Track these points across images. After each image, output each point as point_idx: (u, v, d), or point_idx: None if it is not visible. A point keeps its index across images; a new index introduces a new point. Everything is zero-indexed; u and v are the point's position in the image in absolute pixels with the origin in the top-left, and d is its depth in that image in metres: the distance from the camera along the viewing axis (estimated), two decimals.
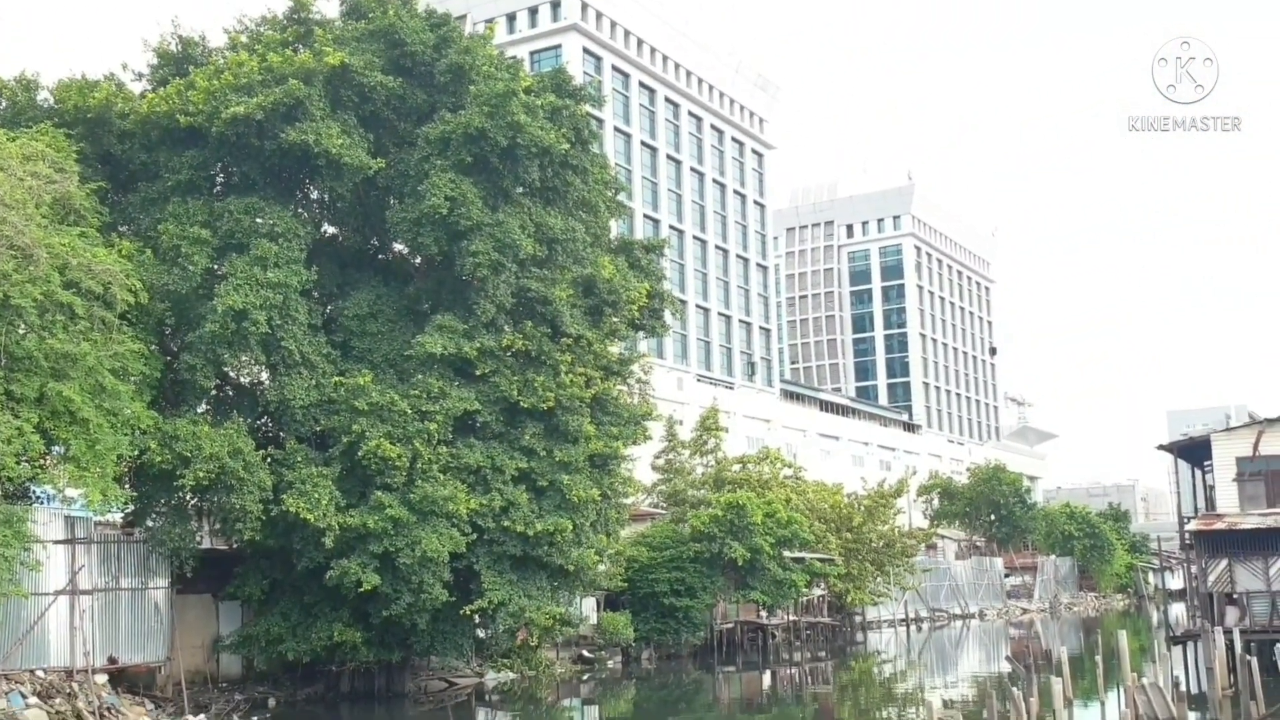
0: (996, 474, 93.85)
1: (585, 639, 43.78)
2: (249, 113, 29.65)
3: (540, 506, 31.87)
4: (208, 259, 29.73)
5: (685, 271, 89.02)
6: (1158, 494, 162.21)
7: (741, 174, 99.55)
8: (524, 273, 32.44)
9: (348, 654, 31.65)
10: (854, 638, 61.15)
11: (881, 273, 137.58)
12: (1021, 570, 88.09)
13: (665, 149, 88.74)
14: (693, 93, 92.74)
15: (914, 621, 71.01)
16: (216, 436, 28.09)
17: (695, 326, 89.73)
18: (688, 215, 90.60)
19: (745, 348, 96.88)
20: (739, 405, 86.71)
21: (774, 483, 56.15)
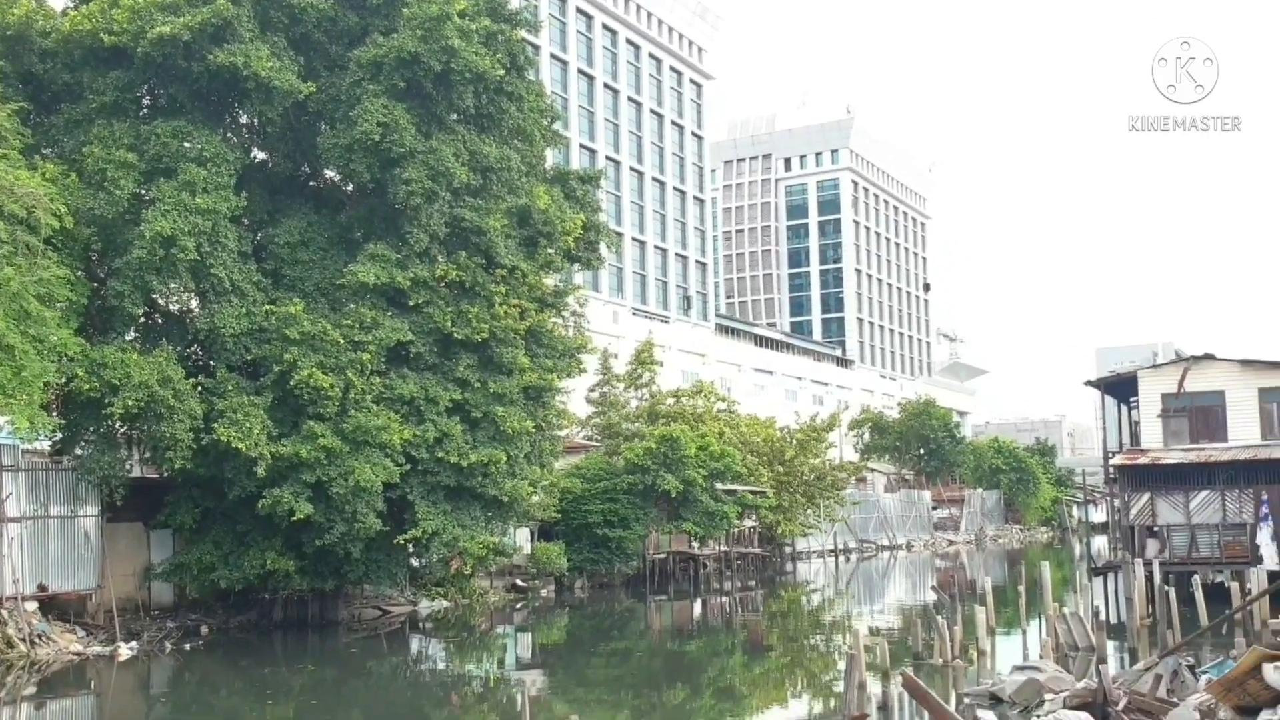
0: (927, 409, 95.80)
1: (519, 568, 44.44)
2: (175, 33, 29.06)
3: (474, 438, 32.14)
4: (134, 183, 29.28)
5: (622, 203, 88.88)
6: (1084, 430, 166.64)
7: (680, 105, 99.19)
8: (458, 202, 32.36)
9: (281, 582, 31.88)
10: (783, 568, 62.61)
11: (818, 207, 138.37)
12: (949, 503, 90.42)
13: (603, 78, 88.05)
14: (631, 20, 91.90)
15: (843, 552, 72.77)
16: (145, 364, 27.91)
17: (631, 259, 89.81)
18: (625, 146, 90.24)
19: (681, 282, 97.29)
20: (674, 339, 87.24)
21: (708, 416, 56.94)
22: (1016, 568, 48.76)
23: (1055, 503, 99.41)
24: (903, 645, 27.60)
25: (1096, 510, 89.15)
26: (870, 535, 77.67)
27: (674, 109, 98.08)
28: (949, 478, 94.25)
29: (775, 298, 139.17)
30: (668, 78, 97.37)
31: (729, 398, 63.59)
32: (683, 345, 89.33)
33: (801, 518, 62.52)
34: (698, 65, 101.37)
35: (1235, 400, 37.82)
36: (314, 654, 30.94)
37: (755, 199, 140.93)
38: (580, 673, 28.02)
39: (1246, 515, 35.74)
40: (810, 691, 26.19)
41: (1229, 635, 24.77)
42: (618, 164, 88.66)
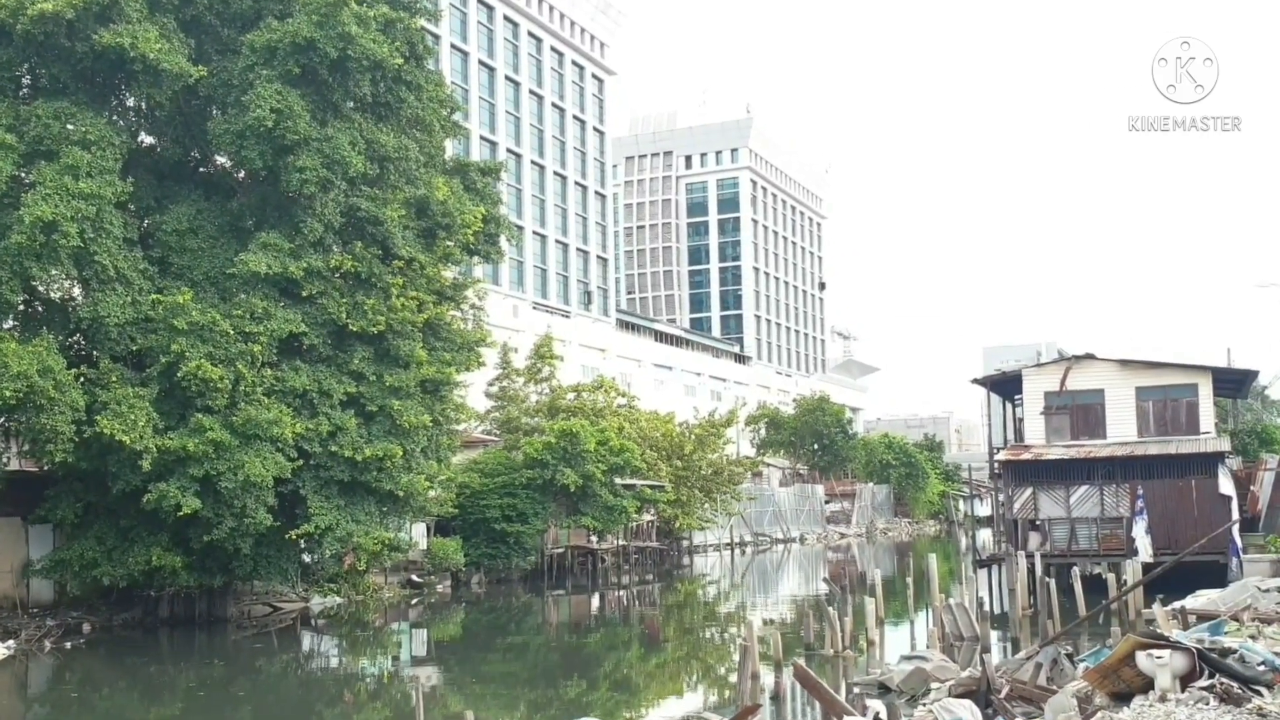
0: (821, 405, 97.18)
1: (415, 564, 43.84)
2: (58, 10, 27.94)
3: (370, 431, 31.61)
4: (13, 165, 28.07)
5: (523, 196, 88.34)
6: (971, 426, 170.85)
7: (581, 99, 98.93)
8: (354, 191, 31.75)
9: (167, 579, 30.93)
10: (681, 561, 62.91)
11: (718, 205, 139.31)
12: (841, 497, 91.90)
13: (504, 70, 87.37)
14: (533, 12, 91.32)
15: (739, 545, 73.44)
16: (24, 354, 26.74)
17: (532, 253, 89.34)
18: (526, 139, 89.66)
19: (582, 276, 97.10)
20: (575, 334, 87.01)
21: (608, 411, 56.92)
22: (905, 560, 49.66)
23: (943, 497, 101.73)
24: (795, 636, 27.91)
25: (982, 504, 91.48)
26: (765, 529, 78.51)
27: (576, 103, 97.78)
28: (841, 472, 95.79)
29: (675, 294, 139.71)
30: (570, 72, 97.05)
31: (629, 393, 63.66)
32: (583, 340, 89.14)
33: (699, 512, 62.93)
34: (600, 60, 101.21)
35: (1114, 398, 39.10)
36: (201, 652, 30.09)
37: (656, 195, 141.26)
38: (476, 668, 27.72)
39: (1123, 509, 36.94)
40: (705, 683, 26.33)
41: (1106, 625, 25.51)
42: (519, 157, 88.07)
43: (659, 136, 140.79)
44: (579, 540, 52.06)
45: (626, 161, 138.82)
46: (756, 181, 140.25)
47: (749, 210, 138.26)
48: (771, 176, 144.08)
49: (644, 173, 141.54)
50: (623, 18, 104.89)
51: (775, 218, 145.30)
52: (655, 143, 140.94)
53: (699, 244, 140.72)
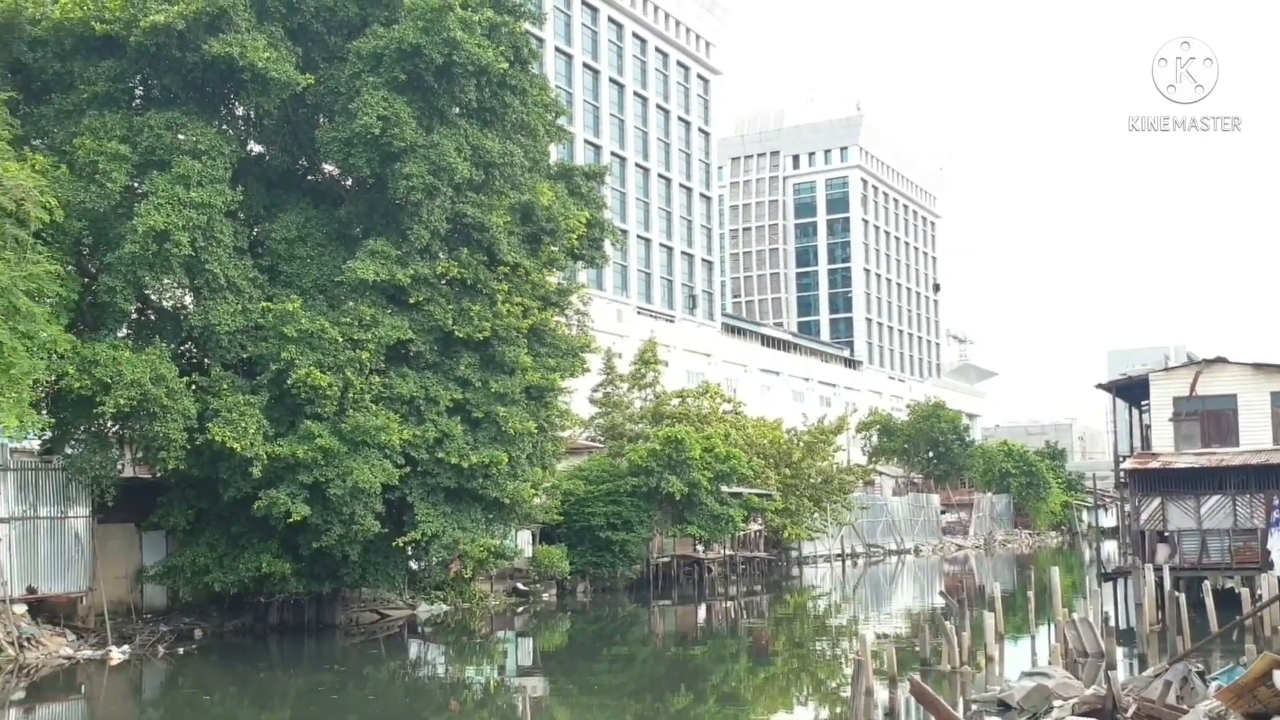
0: (936, 411, 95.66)
1: (520, 572, 44.33)
2: (169, 22, 28.95)
3: (475, 438, 32.04)
4: (127, 176, 29.14)
5: (626, 200, 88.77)
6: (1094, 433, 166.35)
7: (686, 100, 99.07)
8: (460, 197, 32.26)
9: (276, 585, 31.76)
10: (790, 572, 62.49)
11: (827, 205, 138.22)
12: (958, 507, 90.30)
13: (608, 72, 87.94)
14: (638, 13, 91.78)
15: (850, 557, 72.64)
16: (138, 362, 27.77)
17: (636, 257, 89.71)
18: (630, 142, 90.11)
19: (687, 280, 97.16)
20: (679, 339, 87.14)
21: (713, 418, 56.81)
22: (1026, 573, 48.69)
23: (1065, 507, 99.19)
24: (910, 651, 27.47)
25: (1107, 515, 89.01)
26: (878, 539, 77.52)
27: (681, 104, 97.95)
28: (958, 481, 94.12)
29: (783, 297, 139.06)
30: (675, 72, 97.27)
31: (735, 399, 63.41)
32: (688, 345, 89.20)
33: (808, 521, 62.40)
34: (705, 60, 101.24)
35: (1247, 404, 37.69)
36: (310, 658, 30.83)
37: (763, 196, 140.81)
38: (582, 678, 27.90)
39: (1257, 520, 35.59)
40: (816, 698, 26.06)
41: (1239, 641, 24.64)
42: (623, 160, 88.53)
43: (765, 136, 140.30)
44: (685, 549, 52.05)
45: (732, 162, 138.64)
46: (867, 180, 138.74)
47: (859, 210, 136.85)
48: (882, 175, 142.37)
49: (750, 173, 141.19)
50: (728, 16, 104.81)
51: (887, 217, 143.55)
52: (762, 143, 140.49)
53: (807, 245, 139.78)
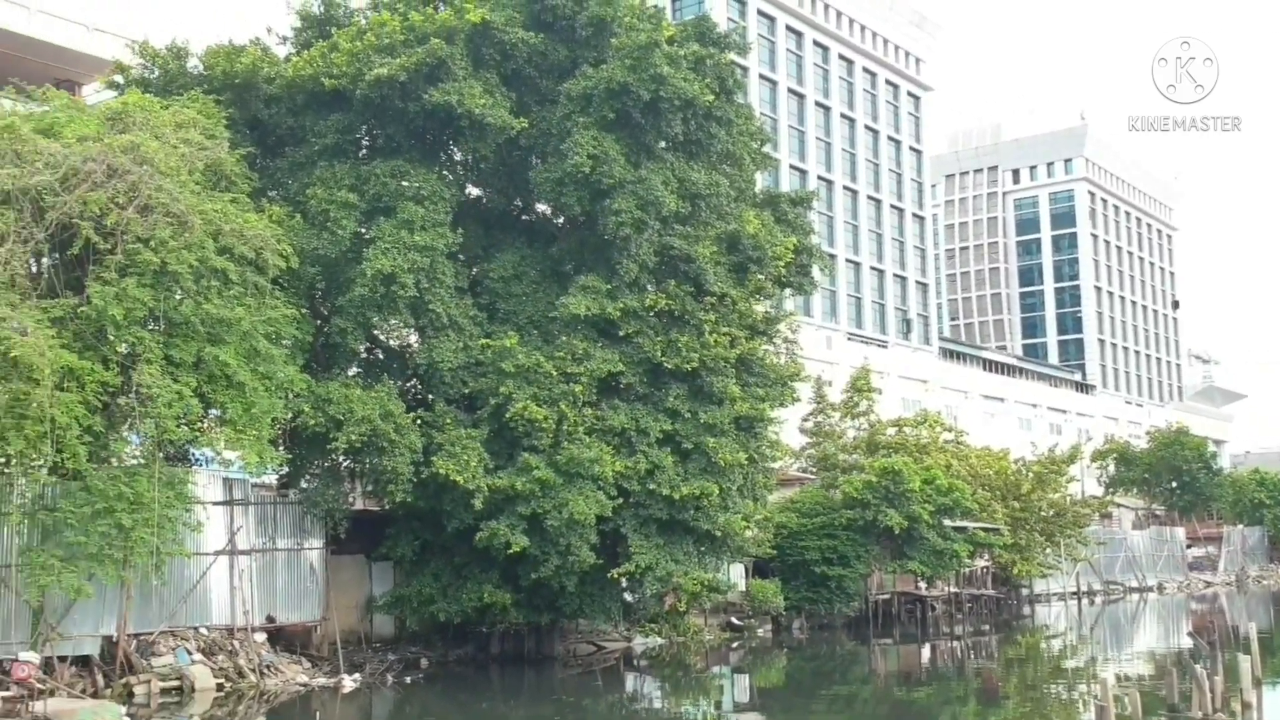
0: (1179, 438, 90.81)
1: (734, 606, 44.52)
2: (392, 74, 30.86)
3: (686, 469, 32.52)
4: (355, 223, 31.13)
5: (835, 224, 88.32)
6: None
7: (896, 118, 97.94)
8: (667, 230, 33.03)
9: (498, 616, 33.01)
10: (1020, 611, 60.43)
11: (1051, 221, 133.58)
12: (1205, 541, 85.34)
13: (813, 95, 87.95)
14: (843, 34, 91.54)
15: (1086, 595, 69.66)
16: (368, 399, 29.57)
17: (846, 282, 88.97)
18: (837, 164, 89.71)
19: (900, 304, 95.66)
20: (893, 365, 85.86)
21: (933, 447, 55.68)
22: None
23: None
24: (1155, 696, 26.30)
25: None
26: (1117, 576, 74.08)
27: (890, 123, 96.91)
28: (1205, 513, 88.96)
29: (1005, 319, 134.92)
30: (883, 91, 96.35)
31: (956, 427, 61.99)
32: (903, 371, 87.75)
33: (1040, 557, 60.18)
34: (915, 77, 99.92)
35: None
36: (531, 689, 31.91)
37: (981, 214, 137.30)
38: (802, 718, 27.88)
39: None
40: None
41: None
42: (830, 183, 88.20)
43: (982, 151, 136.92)
44: (906, 586, 51.15)
45: (946, 180, 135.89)
46: (1094, 193, 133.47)
47: (1087, 224, 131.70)
48: (1111, 186, 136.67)
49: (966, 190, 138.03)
50: (939, 30, 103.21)
51: (1118, 231, 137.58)
52: (978, 158, 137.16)
53: (1031, 263, 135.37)
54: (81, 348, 24.21)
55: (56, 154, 25.01)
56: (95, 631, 26.10)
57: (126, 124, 27.28)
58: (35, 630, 24.82)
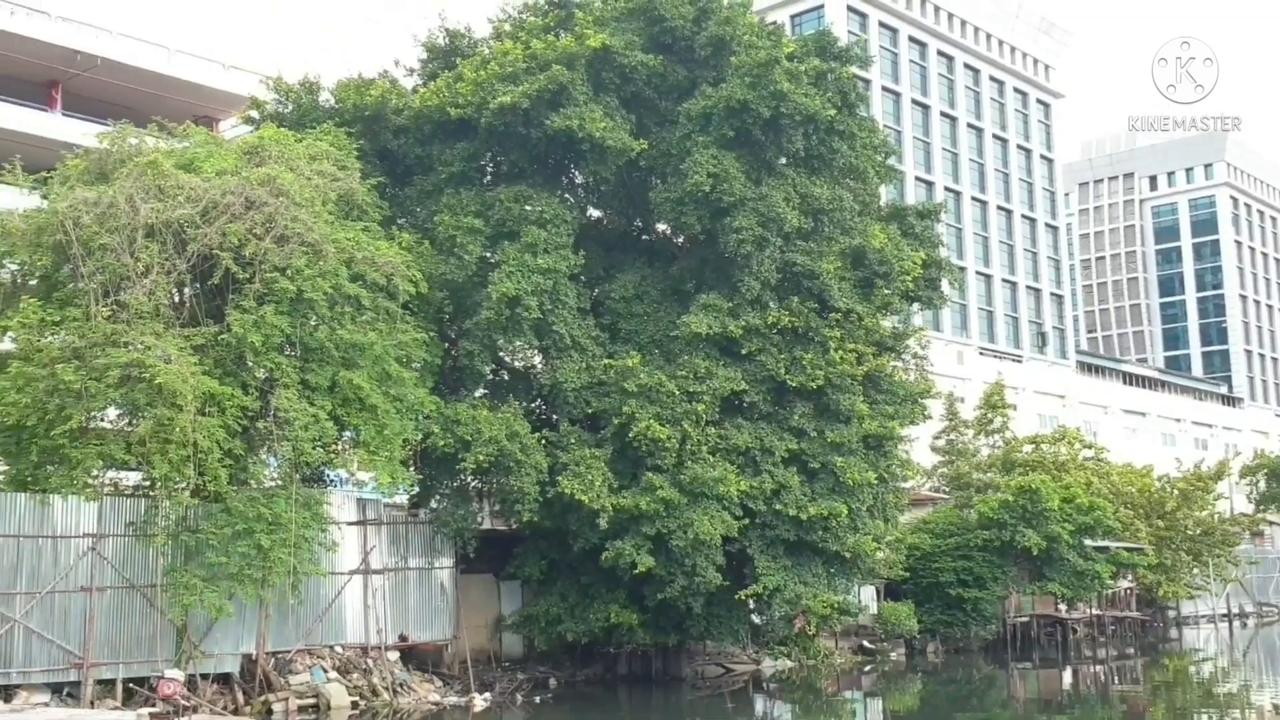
0: None
1: (865, 629, 43.94)
2: (515, 101, 31.46)
3: (813, 489, 32.28)
4: (481, 247, 31.78)
5: (964, 236, 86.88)
6: None
7: (1025, 127, 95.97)
8: (789, 246, 32.94)
9: (625, 636, 33.15)
10: (1166, 634, 58.33)
11: (1192, 228, 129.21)
12: None
13: (938, 105, 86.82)
14: (968, 43, 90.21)
15: (1237, 617, 66.91)
16: (495, 420, 30.08)
17: (976, 295, 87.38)
18: (965, 175, 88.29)
19: (1034, 316, 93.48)
20: (1028, 380, 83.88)
21: (1071, 465, 54.32)
22: None
23: None
24: None
25: None
26: (1271, 598, 71.01)
27: (1019, 132, 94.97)
28: None
29: (1145, 330, 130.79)
30: (1011, 100, 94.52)
31: (1095, 444, 60.32)
32: (1038, 386, 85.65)
33: (1186, 578, 58.07)
34: (1044, 84, 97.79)
35: None
36: (658, 711, 31.96)
37: (1116, 222, 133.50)
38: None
39: None
40: None
41: None
42: (958, 194, 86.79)
43: (1116, 158, 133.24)
44: (1045, 608, 49.84)
45: (1079, 188, 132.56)
46: (1238, 198, 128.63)
47: (1230, 231, 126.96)
48: (1256, 191, 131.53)
49: (1101, 199, 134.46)
50: (1068, 37, 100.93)
51: (1264, 237, 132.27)
52: (1112, 165, 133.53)
53: (1171, 273, 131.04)
54: (222, 374, 25.14)
55: (197, 188, 26.05)
56: (235, 650, 26.99)
57: (263, 157, 28.28)
58: (179, 648, 25.78)
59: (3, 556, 24.05)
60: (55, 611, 24.47)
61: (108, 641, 24.99)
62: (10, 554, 24.14)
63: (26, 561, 24.30)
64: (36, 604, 24.18)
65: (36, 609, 24.19)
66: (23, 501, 24.37)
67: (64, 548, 24.82)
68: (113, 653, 25.02)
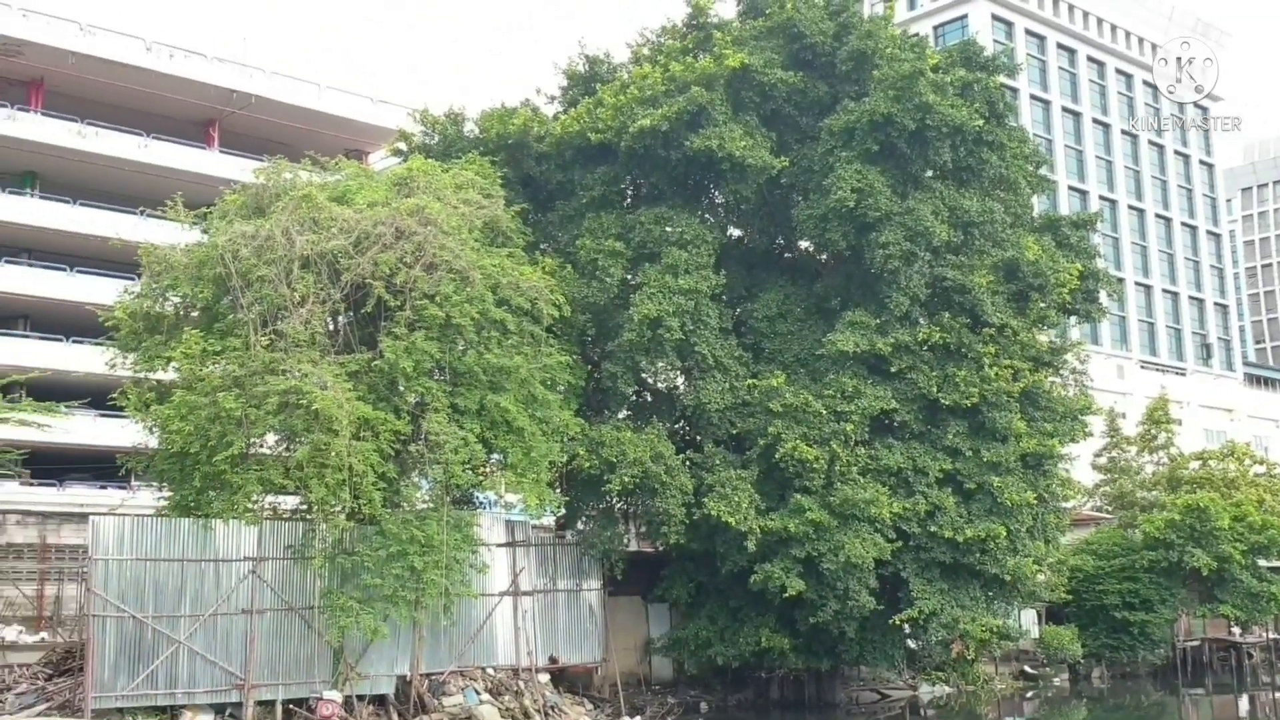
0: None
1: (1026, 653, 42.50)
2: (654, 124, 31.40)
3: (969, 510, 31.33)
4: (623, 270, 31.79)
5: (1121, 245, 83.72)
6: None
7: (1182, 132, 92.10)
8: (938, 261, 32.08)
9: (776, 660, 32.54)
10: None
11: None
12: None
13: (1090, 113, 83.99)
14: (1119, 48, 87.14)
15: None
16: (639, 441, 29.94)
17: (1135, 306, 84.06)
18: (1120, 183, 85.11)
19: (1198, 328, 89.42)
20: (1193, 394, 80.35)
21: (1241, 481, 51.66)
22: None
23: None
24: None
25: None
26: None
27: (1176, 137, 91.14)
28: None
29: None
30: (1167, 105, 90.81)
31: (1267, 459, 57.29)
32: (1204, 400, 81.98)
33: None
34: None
35: None
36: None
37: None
38: None
39: None
40: None
41: None
42: (1113, 203, 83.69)
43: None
44: (1217, 631, 47.39)
45: (1242, 194, 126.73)
46: None
47: None
48: None
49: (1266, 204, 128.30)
50: (1226, 39, 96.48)
51: None
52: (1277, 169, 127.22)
53: None
54: (375, 399, 25.54)
55: (350, 219, 26.62)
56: (390, 671, 27.25)
57: (411, 188, 28.76)
58: (336, 670, 26.16)
59: (168, 580, 24.77)
60: (217, 633, 25.07)
61: (268, 663, 25.47)
62: (175, 577, 24.84)
63: (190, 584, 24.97)
64: (200, 626, 24.82)
65: (200, 631, 24.81)
66: (186, 526, 25.10)
67: (225, 571, 25.44)
68: (272, 674, 25.48)
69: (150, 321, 27.67)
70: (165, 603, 24.60)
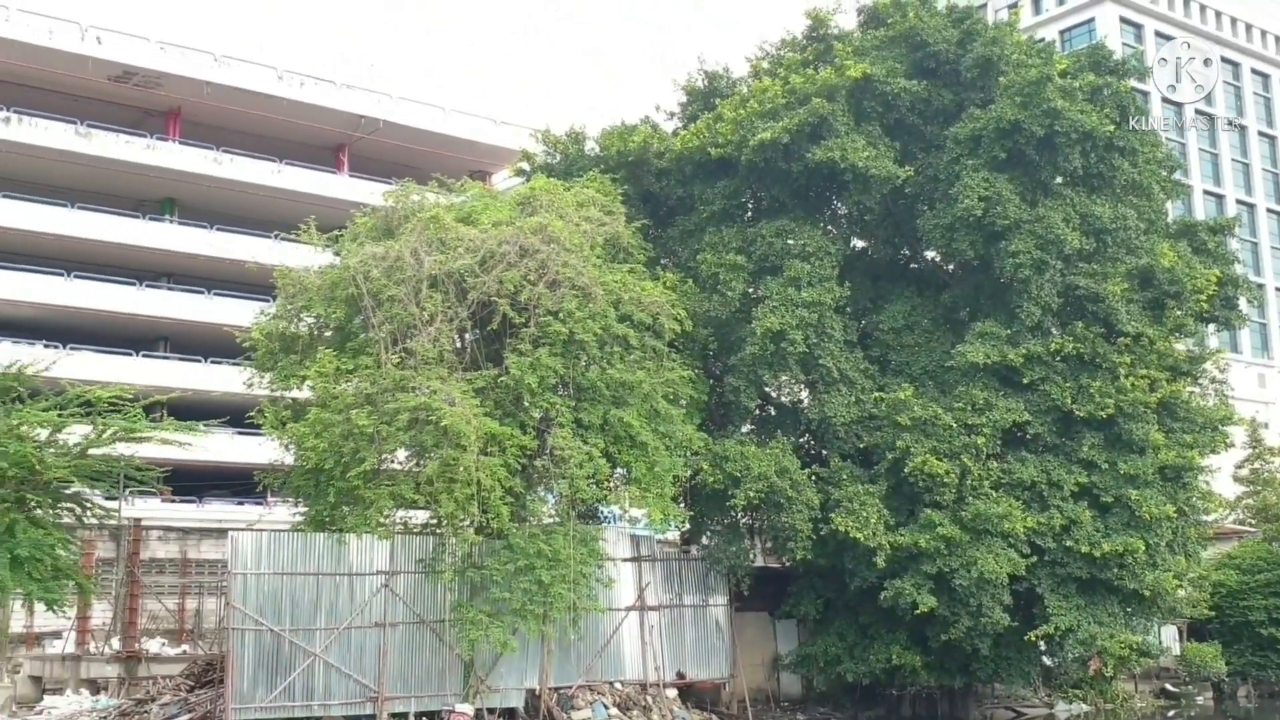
0: None
1: (1167, 671, 40.89)
2: (775, 137, 31.06)
3: (1106, 524, 30.24)
4: (744, 283, 31.51)
5: (1260, 250, 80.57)
6: None
7: None
8: (1070, 269, 31.14)
9: (908, 677, 31.77)
10: None
11: None
12: None
13: (1225, 114, 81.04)
14: (1254, 48, 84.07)
15: None
16: (763, 456, 29.60)
17: (1277, 313, 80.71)
18: (1258, 186, 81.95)
19: None
20: None
21: None
22: None
23: None
24: None
25: None
26: None
27: None
28: None
29: None
30: None
31: None
32: None
33: None
34: None
35: None
36: None
37: None
38: None
39: None
40: None
41: None
42: (1251, 207, 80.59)
43: None
44: None
45: None
46: None
47: None
48: None
49: None
50: None
51: None
52: None
53: None
54: (501, 415, 25.76)
55: (475, 239, 26.96)
56: (519, 685, 27.39)
57: (534, 207, 29.05)
58: (466, 683, 26.38)
59: (304, 593, 25.29)
60: (351, 646, 25.49)
61: (400, 675, 25.81)
62: (311, 591, 25.35)
63: (325, 598, 25.46)
64: (335, 639, 25.27)
65: (335, 644, 25.26)
66: (321, 541, 25.60)
67: (359, 584, 25.88)
68: (404, 686, 25.81)
69: (285, 341, 28.39)
70: (301, 616, 25.12)
